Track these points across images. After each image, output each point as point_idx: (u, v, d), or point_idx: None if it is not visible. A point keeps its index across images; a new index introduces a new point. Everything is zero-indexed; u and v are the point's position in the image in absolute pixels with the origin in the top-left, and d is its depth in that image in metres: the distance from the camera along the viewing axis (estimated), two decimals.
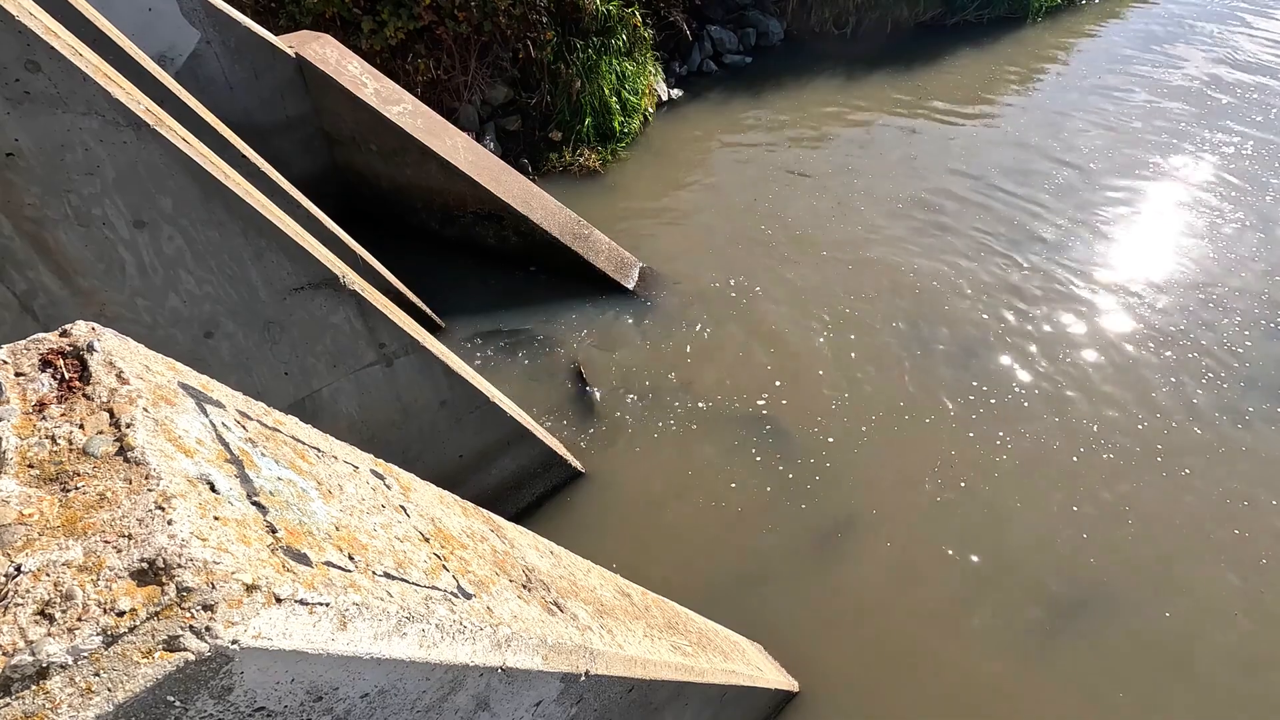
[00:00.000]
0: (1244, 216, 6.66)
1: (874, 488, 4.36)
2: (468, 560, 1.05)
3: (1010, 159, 7.28)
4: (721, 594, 3.88)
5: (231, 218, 2.58)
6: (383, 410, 3.56)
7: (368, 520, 0.87)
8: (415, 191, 5.82)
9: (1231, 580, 3.93)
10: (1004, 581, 3.92)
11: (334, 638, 0.65)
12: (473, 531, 1.22)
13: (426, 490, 1.21)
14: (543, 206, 5.72)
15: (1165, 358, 5.23)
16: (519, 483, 4.37)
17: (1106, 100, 8.42)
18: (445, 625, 0.81)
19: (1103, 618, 3.77)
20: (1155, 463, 4.51)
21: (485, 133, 6.60)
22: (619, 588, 1.94)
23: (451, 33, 6.07)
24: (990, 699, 3.48)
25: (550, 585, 1.33)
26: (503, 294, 5.61)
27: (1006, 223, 6.46)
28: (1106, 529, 4.15)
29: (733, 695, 2.57)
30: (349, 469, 0.98)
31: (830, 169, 7.01)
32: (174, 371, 0.79)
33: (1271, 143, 7.73)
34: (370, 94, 5.24)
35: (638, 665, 1.44)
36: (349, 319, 3.15)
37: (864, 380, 5.00)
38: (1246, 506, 4.28)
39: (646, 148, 7.11)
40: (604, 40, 6.66)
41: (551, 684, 1.09)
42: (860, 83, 8.30)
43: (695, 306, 5.52)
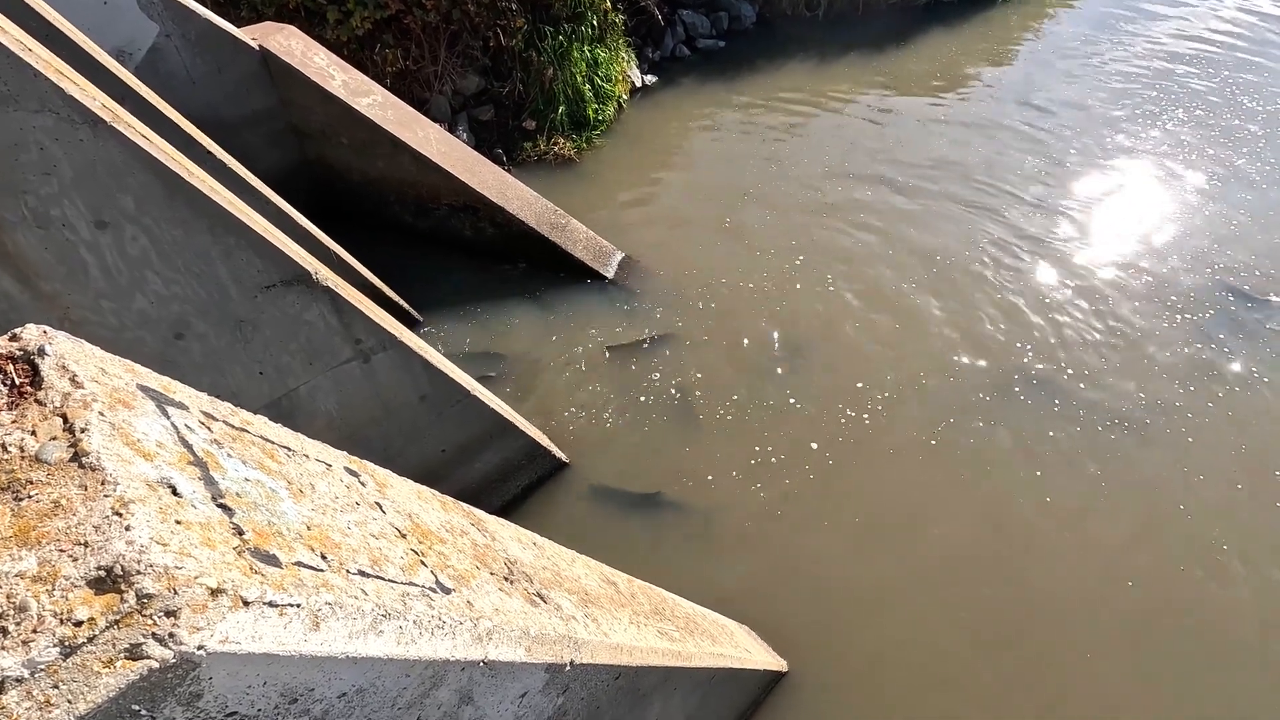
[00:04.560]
0: (1210, 186, 6.78)
1: (868, 489, 4.40)
2: (447, 555, 1.04)
3: (986, 136, 7.34)
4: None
5: (197, 215, 2.52)
6: (362, 407, 3.52)
7: (341, 518, 0.86)
8: (388, 185, 5.73)
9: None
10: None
11: (307, 639, 0.63)
12: (452, 526, 1.21)
13: (403, 486, 1.20)
14: (518, 197, 5.67)
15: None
16: (504, 475, 4.35)
17: (1076, 76, 8.50)
18: (424, 621, 0.80)
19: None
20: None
21: (458, 123, 6.51)
22: (604, 576, 1.94)
23: (420, 22, 5.96)
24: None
25: (533, 577, 1.32)
26: (480, 286, 5.55)
27: (992, 200, 6.53)
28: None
29: (721, 677, 2.59)
30: (321, 467, 0.96)
31: (807, 153, 7.01)
32: (132, 374, 0.77)
33: (1226, 117, 7.87)
34: (338, 86, 5.14)
35: (624, 653, 1.44)
36: (323, 315, 3.10)
37: (858, 365, 5.03)
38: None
39: (622, 135, 7.06)
40: (575, 26, 6.58)
41: (536, 675, 1.08)
42: (834, 65, 8.30)
43: (677, 294, 5.51)
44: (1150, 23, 10.26)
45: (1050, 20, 10.21)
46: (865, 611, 3.77)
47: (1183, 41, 9.67)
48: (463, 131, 6.44)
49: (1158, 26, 10.14)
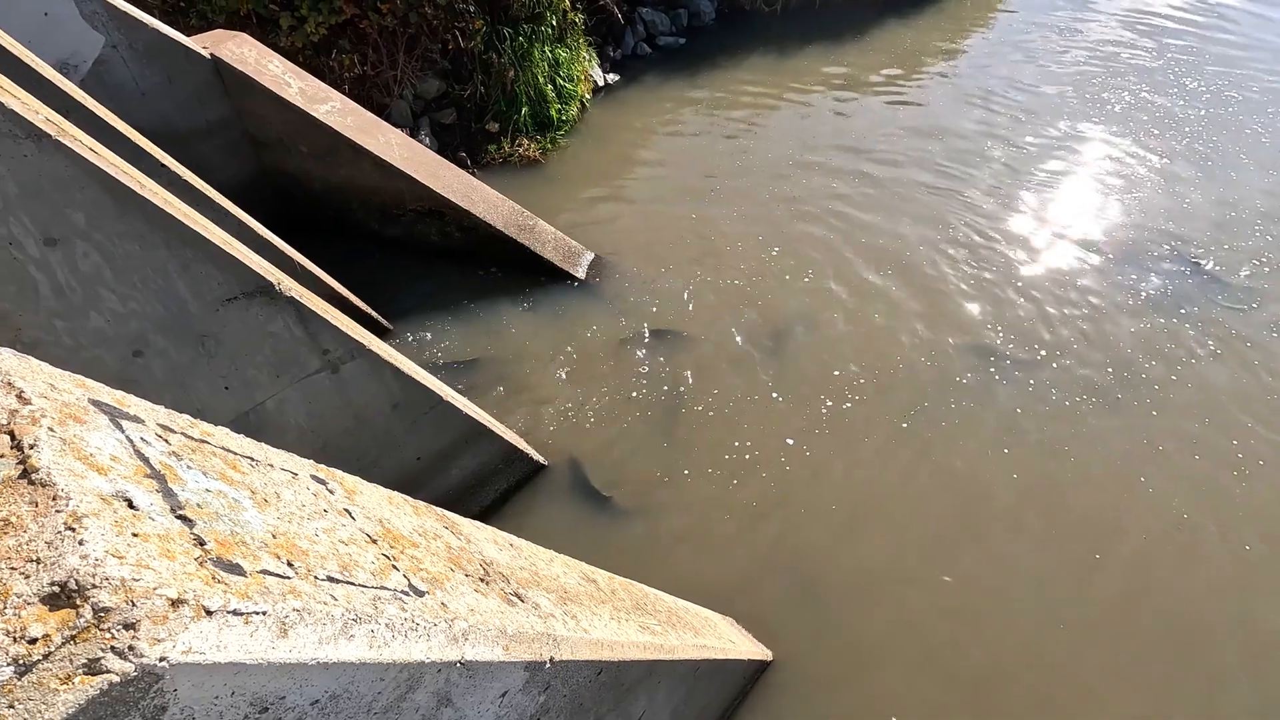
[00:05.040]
0: (1161, 164, 6.99)
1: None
2: (420, 558, 1.03)
3: (946, 122, 7.49)
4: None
5: (152, 229, 2.46)
6: (333, 418, 3.47)
7: (308, 526, 0.85)
8: (351, 192, 5.65)
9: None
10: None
11: (274, 646, 0.63)
12: (425, 530, 1.20)
13: (374, 492, 1.19)
14: (484, 200, 5.63)
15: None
16: (481, 480, 4.33)
17: (1029, 62, 8.71)
18: (396, 624, 0.79)
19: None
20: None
21: (420, 127, 6.44)
22: (584, 574, 1.94)
23: (376, 26, 5.88)
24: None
25: (510, 577, 1.32)
26: (450, 291, 5.51)
27: (955, 185, 6.67)
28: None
29: (706, 669, 2.61)
30: (287, 476, 0.95)
31: (772, 146, 7.08)
32: (84, 389, 0.75)
33: (1173, 96, 8.13)
34: (295, 93, 5.05)
35: (605, 648, 1.44)
36: (288, 326, 3.05)
37: (834, 353, 5.09)
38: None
39: (586, 135, 7.05)
40: (534, 27, 6.55)
41: (515, 674, 1.08)
42: (794, 59, 8.38)
43: (648, 292, 5.52)
44: (1098, 9, 10.54)
45: (1002, 9, 10.43)
46: (847, 598, 3.83)
47: (1131, 25, 9.96)
48: (425, 136, 6.37)
49: (1107, 11, 10.42)
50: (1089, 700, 3.43)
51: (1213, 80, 8.53)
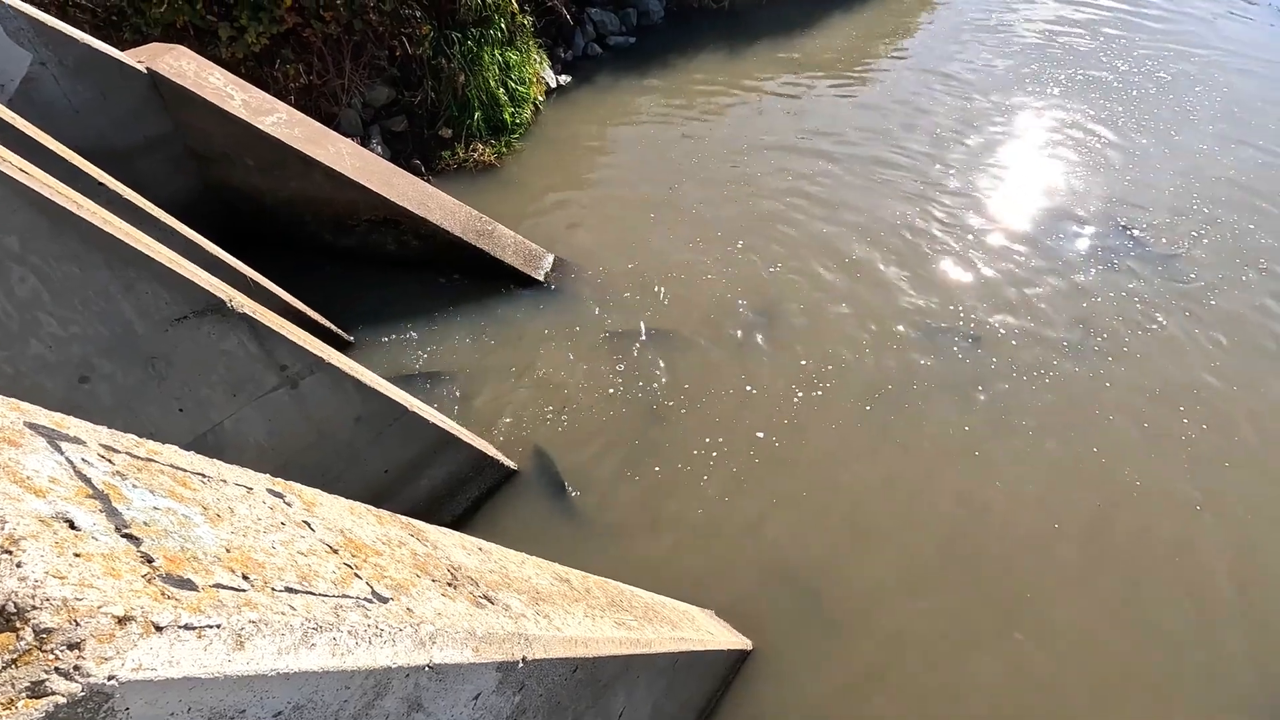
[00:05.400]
0: (1103, 140, 7.26)
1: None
2: (384, 566, 1.03)
3: (897, 108, 7.67)
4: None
5: (90, 250, 2.38)
6: (294, 435, 3.40)
7: (265, 539, 0.84)
8: (303, 204, 5.53)
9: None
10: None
11: (231, 659, 0.62)
12: (389, 538, 1.19)
13: (335, 504, 1.18)
14: (441, 206, 5.57)
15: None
16: (452, 489, 4.28)
17: (973, 47, 8.95)
18: (359, 631, 0.79)
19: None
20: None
21: (371, 136, 6.34)
22: (557, 574, 1.94)
23: (320, 34, 5.77)
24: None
25: (479, 580, 1.32)
26: (411, 300, 5.43)
27: (910, 167, 6.84)
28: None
29: (685, 662, 2.63)
30: (241, 491, 0.93)
31: (728, 140, 7.14)
32: (19, 412, 0.73)
33: (1113, 77, 8.45)
34: (238, 105, 4.93)
35: (579, 645, 1.45)
36: (242, 344, 2.98)
37: (802, 343, 5.16)
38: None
39: (541, 137, 7.03)
40: (483, 31, 6.50)
41: (487, 675, 1.08)
42: (744, 54, 8.48)
43: (609, 291, 5.53)
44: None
45: (940, 1, 10.70)
46: (822, 583, 3.89)
47: (1065, 9, 10.31)
48: (376, 144, 6.28)
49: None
50: (1062, 663, 3.56)
51: (1143, 60, 8.88)
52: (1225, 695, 3.48)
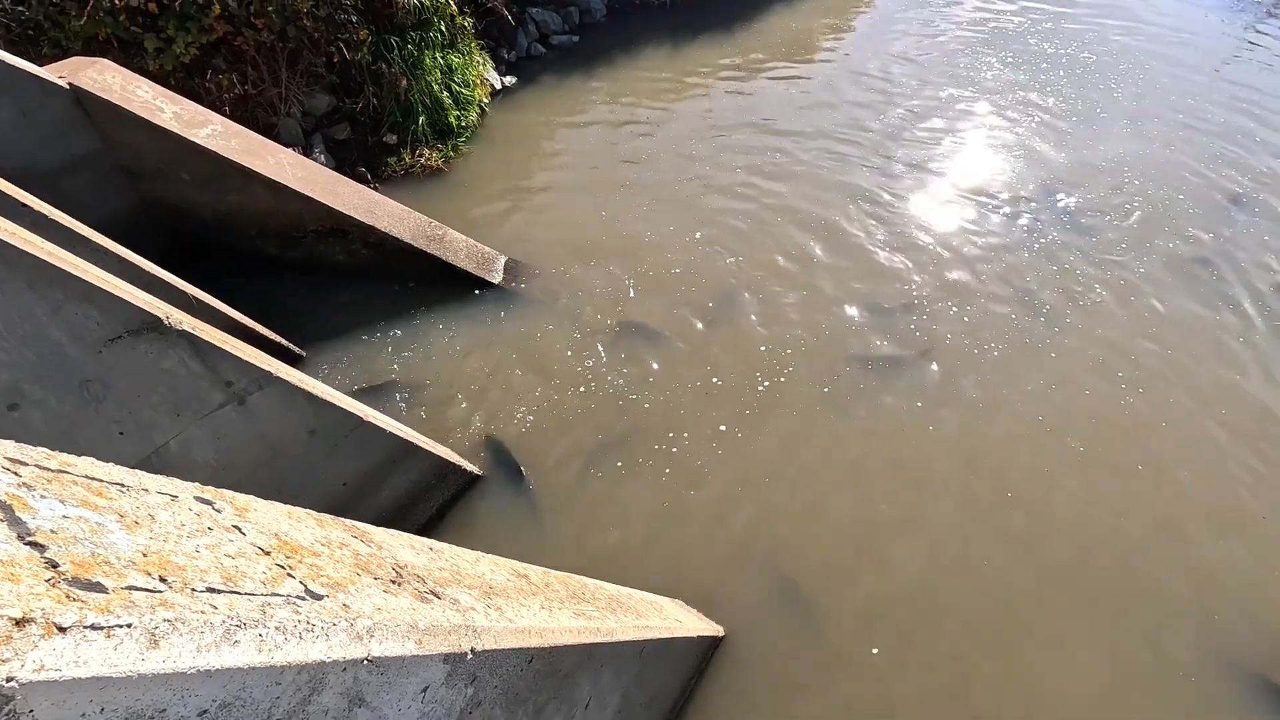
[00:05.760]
0: (1036, 120, 7.52)
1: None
2: (320, 566, 1.02)
3: (841, 97, 7.82)
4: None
5: (11, 273, 2.29)
6: (245, 452, 3.33)
7: (188, 543, 0.83)
8: (246, 218, 5.39)
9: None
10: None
11: (144, 657, 0.62)
12: (329, 540, 1.18)
13: (270, 509, 1.16)
14: (389, 214, 5.49)
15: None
16: (415, 498, 4.24)
17: (911, 35, 9.18)
18: (289, 626, 0.79)
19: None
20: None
21: (313, 145, 6.22)
22: (515, 570, 1.95)
23: (253, 42, 5.63)
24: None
25: (426, 578, 1.32)
26: (364, 310, 5.35)
27: (857, 154, 6.99)
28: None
29: (653, 649, 2.65)
30: (164, 499, 0.92)
31: (677, 135, 7.19)
32: None
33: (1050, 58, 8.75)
34: (169, 119, 4.78)
35: (533, 635, 1.46)
36: (183, 362, 2.90)
37: (761, 331, 5.22)
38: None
39: (489, 139, 6.98)
40: (423, 34, 6.42)
41: (434, 667, 1.09)
42: (688, 49, 8.54)
43: (565, 290, 5.52)
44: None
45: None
46: (790, 565, 3.96)
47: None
48: (319, 153, 6.16)
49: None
50: (1016, 623, 3.69)
51: (1071, 40, 9.22)
52: (1177, 646, 3.66)
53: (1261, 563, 3.98)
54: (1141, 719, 3.40)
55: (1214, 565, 3.96)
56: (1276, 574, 3.94)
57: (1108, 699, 3.45)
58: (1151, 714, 3.42)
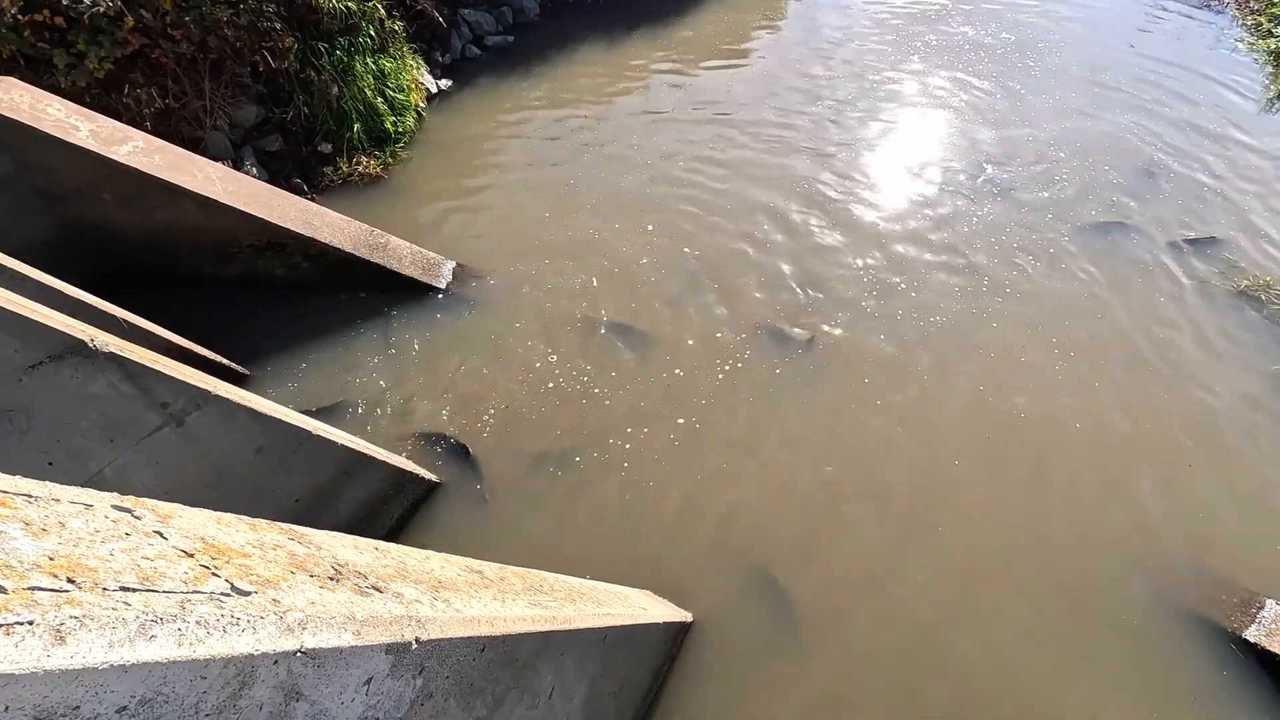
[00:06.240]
0: (970, 98, 7.78)
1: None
2: (250, 566, 1.02)
3: (782, 84, 7.95)
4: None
5: None
6: (188, 474, 3.23)
7: (101, 548, 0.82)
8: (176, 236, 5.22)
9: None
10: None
11: (50, 654, 0.61)
12: (263, 542, 1.17)
13: (198, 515, 1.15)
14: (328, 224, 5.38)
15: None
16: (373, 510, 4.18)
17: (845, 21, 9.39)
18: (211, 621, 0.79)
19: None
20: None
21: (244, 158, 6.04)
22: (468, 566, 1.95)
23: (171, 54, 5.44)
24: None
25: (368, 574, 1.31)
26: (308, 324, 5.23)
27: (802, 139, 7.11)
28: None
29: (616, 637, 2.68)
30: (77, 508, 0.90)
31: (619, 131, 7.21)
32: None
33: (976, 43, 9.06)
34: (85, 137, 4.59)
35: (483, 624, 1.47)
36: (114, 385, 2.81)
37: (703, 333, 5.28)
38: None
39: (427, 144, 6.88)
40: (351, 39, 6.30)
41: (376, 658, 1.09)
42: (624, 44, 8.57)
43: (514, 292, 5.49)
44: None
45: None
46: (751, 546, 4.03)
47: None
48: (251, 166, 5.99)
49: None
50: (971, 580, 3.84)
51: (989, 21, 9.55)
52: (1128, 593, 3.86)
53: (1193, 509, 4.21)
54: (1102, 664, 3.58)
55: (1154, 515, 4.18)
56: (1203, 517, 4.18)
57: (1069, 653, 3.62)
58: (1110, 655, 3.60)
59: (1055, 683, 3.50)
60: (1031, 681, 3.50)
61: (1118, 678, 3.53)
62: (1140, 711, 3.43)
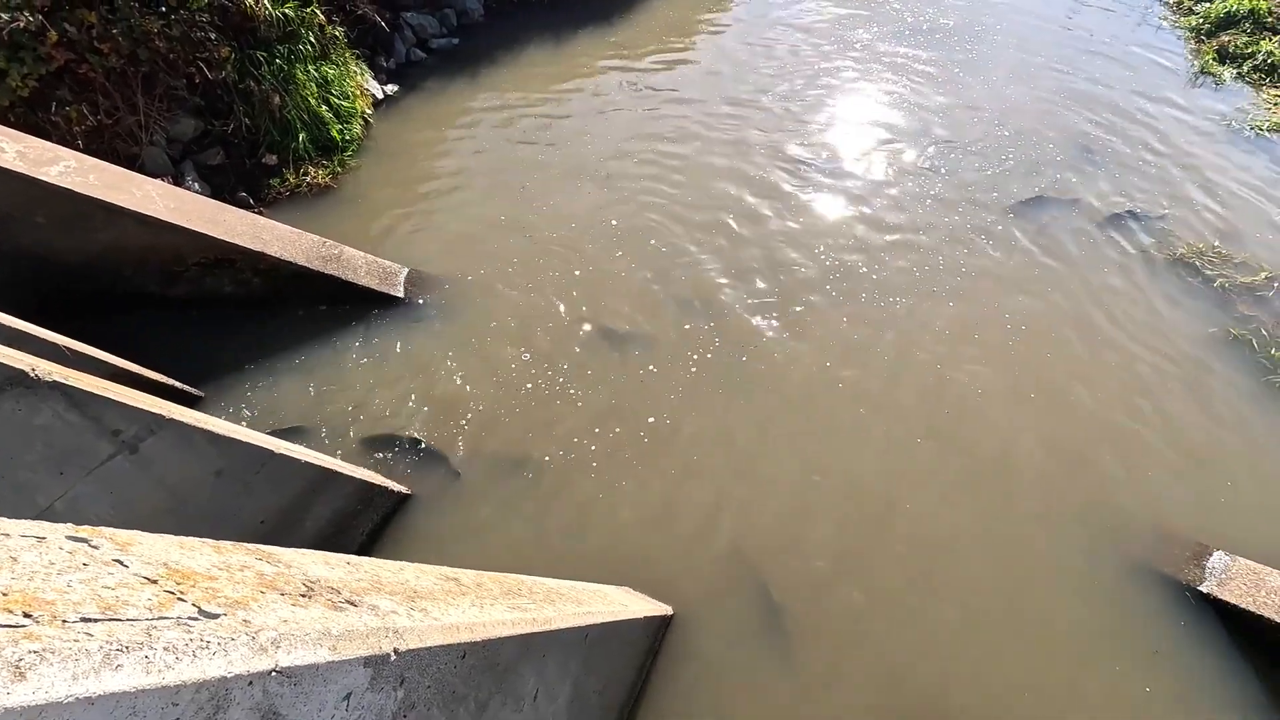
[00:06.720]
0: (916, 79, 7.95)
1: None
2: (217, 588, 0.99)
3: (730, 76, 8.01)
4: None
5: None
6: (145, 503, 3.13)
7: (58, 580, 0.79)
8: (118, 257, 5.03)
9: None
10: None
11: (9, 691, 0.59)
12: (229, 564, 1.15)
13: (159, 541, 1.12)
14: (278, 238, 5.24)
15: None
16: (342, 526, 4.10)
17: (791, 11, 9.49)
18: (179, 646, 0.77)
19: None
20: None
21: (184, 173, 5.85)
22: (443, 575, 1.93)
23: (100, 69, 5.23)
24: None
25: (341, 589, 1.29)
26: (264, 341, 5.09)
27: (755, 130, 7.17)
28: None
29: (598, 635, 2.68)
30: (29, 541, 0.87)
31: (572, 129, 7.17)
32: None
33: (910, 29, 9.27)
34: (13, 159, 4.40)
35: (463, 630, 1.46)
36: (59, 415, 2.70)
37: (672, 327, 5.29)
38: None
39: (377, 151, 6.76)
40: (291, 47, 6.14)
41: (355, 672, 1.08)
42: (572, 43, 8.53)
43: (473, 297, 5.44)
44: None
45: None
46: (724, 536, 4.08)
47: None
48: (192, 181, 5.80)
49: None
50: (930, 548, 3.95)
51: (927, 5, 9.78)
52: (1084, 549, 4.02)
53: (1149, 470, 4.40)
54: (1074, 628, 3.72)
55: (1113, 478, 4.35)
56: (1158, 476, 4.37)
57: (1039, 622, 3.75)
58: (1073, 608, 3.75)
59: (1031, 652, 3.63)
60: (1009, 652, 3.62)
61: (1088, 639, 3.68)
62: (1111, 668, 3.58)
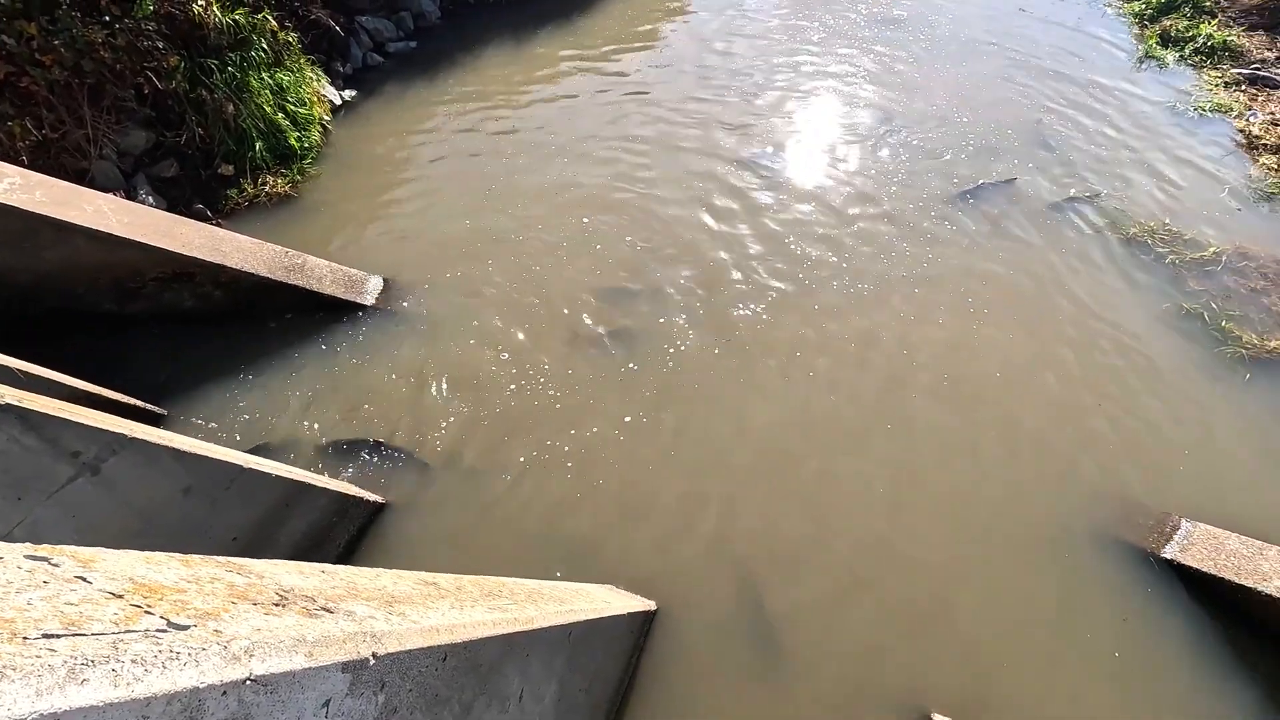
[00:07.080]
0: (875, 71, 8.07)
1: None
2: (186, 600, 0.98)
3: (691, 74, 8.05)
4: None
5: None
6: (111, 524, 3.05)
7: (16, 598, 0.77)
8: (70, 275, 4.88)
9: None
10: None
11: None
12: (198, 577, 1.13)
13: (124, 557, 1.09)
14: (238, 249, 5.14)
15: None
16: (319, 539, 4.04)
17: (744, 10, 9.57)
18: (148, 658, 0.75)
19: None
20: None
21: (137, 186, 5.69)
22: (421, 579, 1.92)
23: (43, 81, 5.07)
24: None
25: (316, 596, 1.28)
26: (229, 355, 4.99)
27: (718, 127, 7.21)
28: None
29: (580, 633, 2.69)
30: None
31: (534, 131, 7.14)
32: None
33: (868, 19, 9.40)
34: None
35: (442, 632, 1.45)
36: (14, 439, 2.62)
37: (644, 326, 5.30)
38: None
39: (337, 158, 6.65)
40: (243, 54, 6.01)
41: (333, 678, 1.07)
42: (531, 44, 8.49)
43: (444, 303, 5.39)
44: None
45: None
46: (706, 529, 4.10)
47: None
48: (146, 195, 5.65)
49: None
50: (911, 528, 4.03)
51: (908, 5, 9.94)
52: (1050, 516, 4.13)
53: (1112, 443, 4.54)
54: (1047, 601, 3.82)
55: (1078, 454, 4.47)
56: (1120, 449, 4.51)
57: (1013, 598, 3.85)
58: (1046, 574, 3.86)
59: (1008, 629, 3.71)
60: (985, 628, 3.71)
61: (1061, 611, 3.78)
62: (1083, 638, 3.68)
